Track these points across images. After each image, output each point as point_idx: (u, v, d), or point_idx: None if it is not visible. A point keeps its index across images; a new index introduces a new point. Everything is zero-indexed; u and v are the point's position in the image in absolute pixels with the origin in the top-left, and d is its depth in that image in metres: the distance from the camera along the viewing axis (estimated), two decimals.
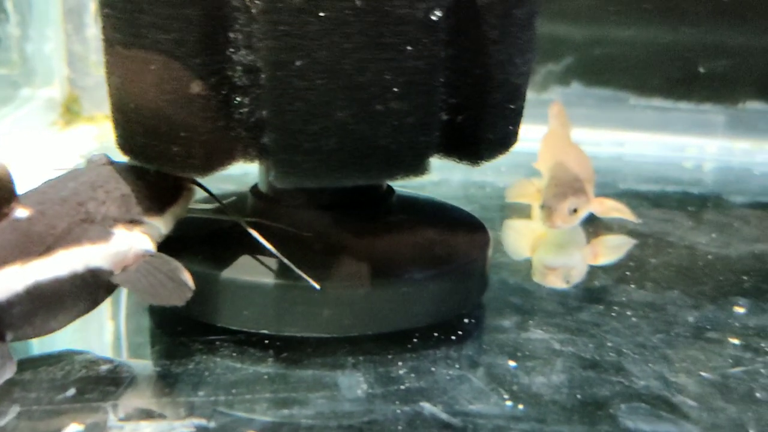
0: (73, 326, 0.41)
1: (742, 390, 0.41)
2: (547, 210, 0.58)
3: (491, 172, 0.81)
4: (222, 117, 0.40)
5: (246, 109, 0.40)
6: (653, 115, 0.92)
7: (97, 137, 0.90)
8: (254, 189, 0.50)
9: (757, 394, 0.40)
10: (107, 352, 0.45)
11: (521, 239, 0.64)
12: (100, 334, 0.48)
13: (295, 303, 0.43)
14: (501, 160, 0.85)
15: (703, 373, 0.42)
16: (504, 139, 0.45)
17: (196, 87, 0.39)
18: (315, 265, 0.43)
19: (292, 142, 0.39)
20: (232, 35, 0.40)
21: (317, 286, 0.41)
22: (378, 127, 0.39)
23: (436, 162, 0.47)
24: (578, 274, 0.56)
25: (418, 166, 0.42)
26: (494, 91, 0.43)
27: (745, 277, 0.55)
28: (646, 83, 0.92)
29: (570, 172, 0.61)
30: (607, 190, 0.76)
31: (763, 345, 0.45)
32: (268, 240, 0.43)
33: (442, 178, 0.79)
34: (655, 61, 0.93)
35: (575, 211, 0.58)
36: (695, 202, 0.73)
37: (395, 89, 0.39)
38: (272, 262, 0.43)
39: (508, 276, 0.55)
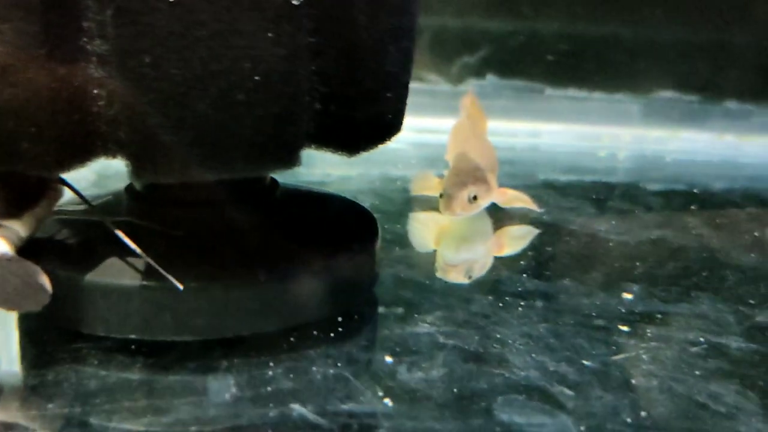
0: None
1: (622, 377, 0.40)
2: (447, 198, 0.57)
3: (402, 165, 0.80)
4: (77, 111, 0.38)
5: (103, 102, 0.38)
6: (569, 105, 0.92)
7: None
8: (129, 187, 0.47)
9: (635, 381, 0.40)
10: None
11: (426, 231, 0.63)
12: None
13: (163, 305, 0.40)
14: (412, 153, 0.86)
15: (585, 362, 0.41)
16: (382, 129, 0.44)
17: (43, 79, 0.37)
18: (186, 265, 0.41)
19: (147, 135, 0.37)
20: (85, 24, 0.37)
21: (180, 286, 0.39)
22: (240, 118, 0.38)
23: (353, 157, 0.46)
24: (481, 268, 0.55)
25: (287, 159, 0.40)
26: (367, 79, 0.41)
27: (638, 263, 0.55)
28: (561, 74, 0.93)
29: (471, 161, 0.61)
30: (517, 181, 0.76)
31: (647, 331, 0.45)
32: (140, 240, 0.41)
33: (360, 173, 0.78)
34: (570, 51, 0.93)
35: (475, 199, 0.57)
36: (603, 191, 0.74)
37: (256, 78, 0.37)
38: (139, 264, 0.41)
39: (404, 269, 0.53)
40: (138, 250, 0.41)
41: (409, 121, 0.91)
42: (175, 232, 0.43)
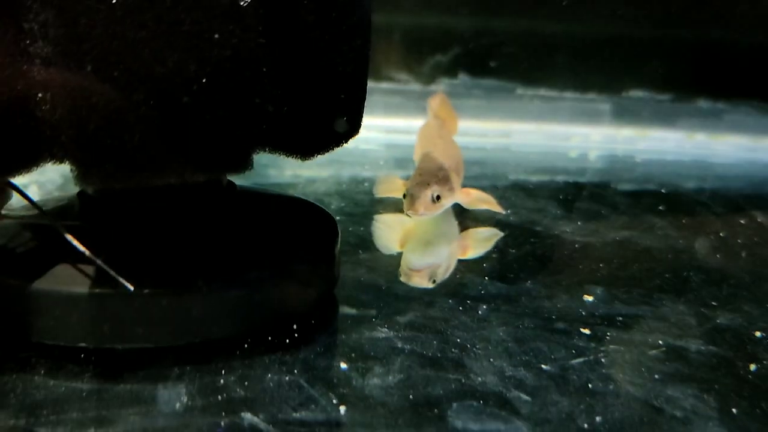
0: None
1: (579, 382, 0.40)
2: (410, 198, 0.56)
3: (373, 166, 0.79)
4: (20, 114, 0.37)
5: (47, 106, 0.37)
6: (540, 104, 0.92)
7: None
8: (82, 192, 0.46)
9: (593, 386, 0.39)
10: None
11: (391, 233, 0.62)
12: None
13: (114, 313, 0.40)
14: (383, 154, 0.85)
15: (543, 366, 0.41)
16: (337, 131, 0.43)
17: None
18: (137, 271, 0.40)
19: (91, 139, 0.36)
20: (26, 26, 0.36)
21: (130, 287, 0.38)
22: (186, 121, 0.37)
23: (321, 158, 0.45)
24: (445, 272, 0.54)
25: (237, 162, 0.39)
26: (319, 80, 0.41)
27: (602, 265, 0.54)
28: (533, 73, 0.92)
29: (435, 161, 0.60)
30: (487, 181, 0.75)
31: (607, 334, 0.45)
32: (92, 245, 0.40)
33: (331, 174, 0.77)
34: (542, 50, 0.93)
35: (438, 199, 0.57)
36: (572, 192, 0.73)
37: (203, 80, 0.36)
38: (89, 270, 0.40)
39: (366, 272, 0.53)
40: (88, 253, 0.40)
41: (380, 121, 0.91)
42: (126, 238, 0.42)
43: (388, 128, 0.89)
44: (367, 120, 0.45)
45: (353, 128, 0.45)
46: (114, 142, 0.36)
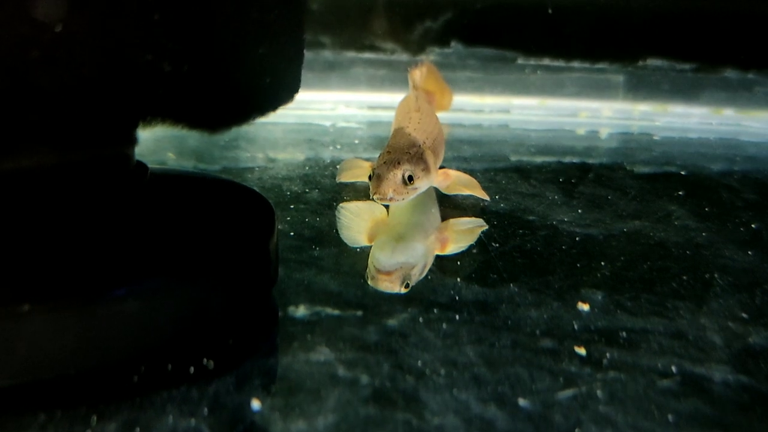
0: None
1: (566, 425, 0.30)
2: (376, 179, 0.47)
3: (347, 147, 0.70)
4: None
5: None
6: (544, 76, 0.82)
7: None
8: None
9: (584, 431, 0.30)
10: None
11: (358, 223, 0.53)
12: None
13: None
14: (362, 133, 0.76)
15: (520, 401, 0.32)
16: (257, 98, 0.34)
17: None
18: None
19: None
20: None
21: None
22: (46, 83, 0.28)
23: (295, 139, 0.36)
24: (420, 273, 0.45)
25: (116, 137, 0.30)
26: (232, 31, 0.31)
27: (604, 264, 0.45)
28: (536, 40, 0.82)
29: (408, 137, 0.51)
30: (484, 163, 0.66)
31: (606, 355, 0.35)
32: None
33: (308, 156, 0.68)
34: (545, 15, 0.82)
35: (411, 180, 0.47)
36: (577, 174, 0.63)
37: (57, 29, 0.27)
38: None
39: (315, 274, 0.43)
40: None
41: (362, 96, 0.81)
42: None
43: (372, 104, 0.79)
44: (347, 95, 0.36)
45: (283, 94, 0.35)
46: None
